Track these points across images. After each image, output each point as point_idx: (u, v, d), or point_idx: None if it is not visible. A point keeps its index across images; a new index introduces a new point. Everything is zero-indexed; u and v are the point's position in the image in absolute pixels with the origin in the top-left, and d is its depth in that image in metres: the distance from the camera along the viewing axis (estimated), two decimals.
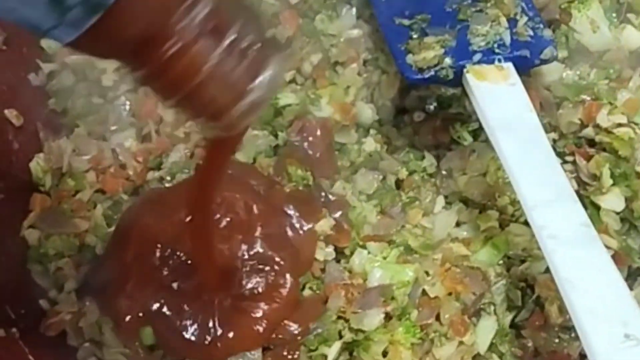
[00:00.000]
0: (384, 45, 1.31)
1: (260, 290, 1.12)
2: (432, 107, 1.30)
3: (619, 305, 0.95)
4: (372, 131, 1.30)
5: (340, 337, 1.13)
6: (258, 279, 1.13)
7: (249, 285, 1.13)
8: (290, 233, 1.18)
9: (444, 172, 1.28)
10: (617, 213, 1.18)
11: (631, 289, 1.18)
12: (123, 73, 1.31)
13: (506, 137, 1.10)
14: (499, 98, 1.15)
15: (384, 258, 1.18)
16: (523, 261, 1.18)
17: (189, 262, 1.14)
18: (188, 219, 1.00)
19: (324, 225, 1.18)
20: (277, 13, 1.34)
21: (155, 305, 1.12)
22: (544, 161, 1.09)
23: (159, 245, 1.17)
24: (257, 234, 1.15)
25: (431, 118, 1.30)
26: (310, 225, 1.19)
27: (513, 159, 1.08)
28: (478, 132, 1.28)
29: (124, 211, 1.24)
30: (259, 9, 1.17)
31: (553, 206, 1.04)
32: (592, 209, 1.19)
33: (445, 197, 1.26)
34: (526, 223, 1.12)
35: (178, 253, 1.16)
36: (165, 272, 1.15)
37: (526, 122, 1.13)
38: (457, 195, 1.25)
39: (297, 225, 1.18)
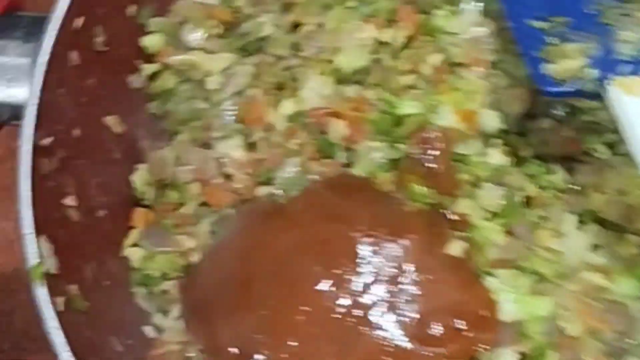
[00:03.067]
0: (511, 45, 1.18)
1: None
2: (561, 114, 1.18)
3: None
4: (496, 141, 1.19)
5: None
6: None
7: None
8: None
9: (576, 188, 1.16)
10: None
11: None
12: (229, 74, 1.21)
13: None
14: None
15: (515, 288, 1.08)
16: None
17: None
18: None
19: (456, 248, 1.09)
20: (394, 9, 1.22)
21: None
22: None
23: (268, 265, 1.08)
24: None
25: (561, 126, 1.19)
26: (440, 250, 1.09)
27: None
28: (616, 145, 1.16)
29: (228, 220, 1.16)
30: None
31: None
32: None
33: (578, 215, 1.14)
34: None
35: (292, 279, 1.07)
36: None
37: None
38: (591, 215, 1.14)
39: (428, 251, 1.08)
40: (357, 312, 1.04)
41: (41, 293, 1.00)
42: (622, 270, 1.10)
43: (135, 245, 1.16)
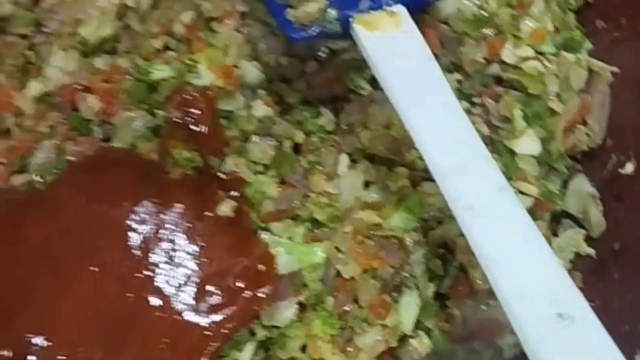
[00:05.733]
0: None
1: None
2: (324, 55, 1.17)
3: (548, 280, 0.86)
4: (260, 91, 1.16)
5: (253, 335, 1.03)
6: None
7: None
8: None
9: (344, 128, 1.15)
10: (534, 156, 1.09)
11: (555, 234, 1.11)
12: None
13: (406, 94, 0.99)
14: (393, 49, 1.03)
15: (290, 238, 1.07)
16: (440, 222, 1.08)
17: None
18: None
19: (225, 208, 1.06)
20: None
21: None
22: (450, 119, 0.98)
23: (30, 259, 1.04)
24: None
25: (324, 68, 1.17)
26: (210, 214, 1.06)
27: (416, 121, 0.97)
28: (376, 80, 1.16)
29: None
30: None
31: (465, 172, 0.93)
32: (507, 155, 1.11)
33: (349, 154, 1.14)
34: None
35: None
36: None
37: (426, 73, 1.01)
38: (362, 152, 1.14)
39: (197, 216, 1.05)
40: (130, 296, 1.00)
41: None
42: (393, 204, 1.10)
43: None
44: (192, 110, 1.11)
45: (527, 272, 0.87)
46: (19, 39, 1.18)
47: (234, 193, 1.10)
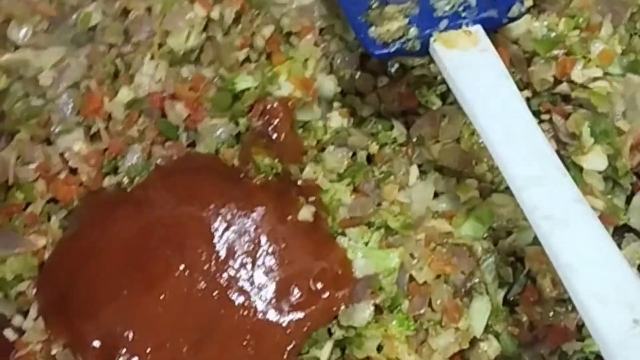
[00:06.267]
0: (338, 10, 1.22)
1: None
2: (394, 70, 1.23)
3: (624, 287, 0.90)
4: (335, 104, 1.23)
5: (330, 334, 1.08)
6: None
7: None
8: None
9: (414, 140, 1.21)
10: (600, 172, 1.14)
11: (619, 246, 1.15)
12: (62, 68, 1.20)
13: (483, 108, 1.03)
14: (471, 66, 1.07)
15: (366, 244, 1.12)
16: (509, 233, 1.13)
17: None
18: None
19: (306, 213, 1.12)
20: None
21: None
22: (526, 133, 1.02)
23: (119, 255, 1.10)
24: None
25: (395, 83, 1.23)
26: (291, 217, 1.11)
27: (495, 134, 1.01)
28: (446, 95, 1.22)
29: (76, 213, 1.16)
30: None
31: (542, 183, 0.97)
32: (574, 170, 1.14)
33: (419, 166, 1.19)
34: (508, 190, 1.06)
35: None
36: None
37: (502, 89, 1.06)
38: (432, 164, 1.19)
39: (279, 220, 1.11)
40: (215, 294, 1.06)
41: None
42: (463, 214, 1.15)
43: None
44: (271, 118, 1.16)
45: (603, 279, 0.91)
46: (108, 47, 1.23)
47: (311, 199, 1.14)
